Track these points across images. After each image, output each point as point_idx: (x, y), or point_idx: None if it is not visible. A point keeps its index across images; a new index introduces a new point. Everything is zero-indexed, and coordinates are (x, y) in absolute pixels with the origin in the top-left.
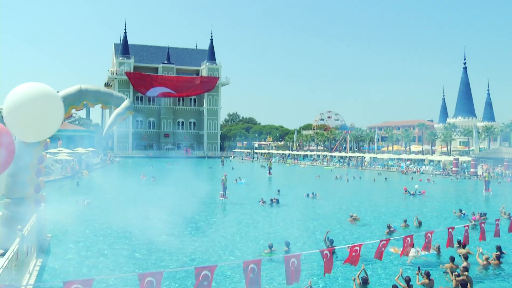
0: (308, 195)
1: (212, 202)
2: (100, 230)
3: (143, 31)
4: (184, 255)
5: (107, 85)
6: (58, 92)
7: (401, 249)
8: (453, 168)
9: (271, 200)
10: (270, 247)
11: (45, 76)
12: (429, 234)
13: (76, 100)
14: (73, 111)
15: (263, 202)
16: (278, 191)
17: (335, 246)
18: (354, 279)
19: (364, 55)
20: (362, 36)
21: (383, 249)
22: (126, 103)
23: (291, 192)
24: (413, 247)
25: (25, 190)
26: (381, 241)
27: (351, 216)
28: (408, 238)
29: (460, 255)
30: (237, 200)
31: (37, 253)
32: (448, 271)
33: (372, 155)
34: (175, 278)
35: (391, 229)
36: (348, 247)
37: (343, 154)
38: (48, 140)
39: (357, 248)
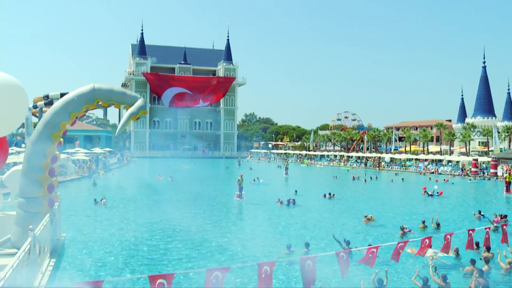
0: (325, 195)
1: (228, 203)
2: (115, 230)
3: (160, 32)
4: (199, 256)
5: (124, 85)
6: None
7: (418, 249)
8: (472, 169)
9: (288, 200)
10: (289, 247)
11: (62, 77)
12: (448, 236)
13: (89, 99)
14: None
15: (280, 202)
16: (296, 191)
17: (351, 248)
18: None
19: (381, 55)
20: (379, 36)
21: (401, 251)
22: (139, 102)
23: (308, 193)
24: (431, 248)
25: (38, 189)
26: (398, 243)
27: (366, 217)
28: (426, 240)
29: (481, 258)
30: (253, 200)
31: (51, 252)
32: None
33: (390, 155)
34: (187, 280)
35: (405, 230)
36: (365, 249)
37: (360, 154)
38: (61, 139)
39: (374, 250)
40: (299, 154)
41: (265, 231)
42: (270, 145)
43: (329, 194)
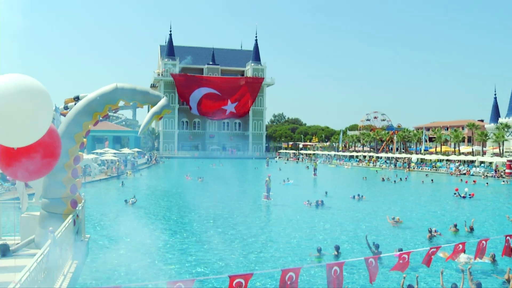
0: (354, 196)
1: (256, 204)
2: (141, 231)
3: (188, 33)
4: (223, 259)
5: (152, 86)
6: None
7: (451, 253)
8: (506, 170)
9: (316, 201)
10: (319, 250)
11: (92, 78)
12: (483, 242)
13: (112, 98)
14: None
15: (308, 203)
16: (326, 192)
17: (381, 252)
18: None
19: (411, 54)
20: (409, 35)
21: (432, 256)
22: (162, 101)
23: (336, 194)
24: (464, 253)
25: (61, 190)
26: (430, 248)
27: (393, 219)
28: (460, 245)
29: None
30: (281, 201)
31: (73, 254)
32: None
33: (420, 156)
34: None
35: (433, 233)
36: (396, 255)
37: (389, 155)
38: (84, 140)
39: (405, 256)
40: (328, 154)
41: (293, 233)
42: (301, 145)
43: (358, 195)
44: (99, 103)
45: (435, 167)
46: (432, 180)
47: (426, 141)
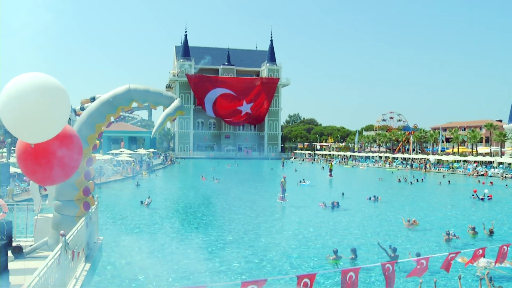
0: (370, 198)
1: (271, 205)
2: (155, 233)
3: (204, 33)
4: (237, 263)
5: (168, 87)
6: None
7: (470, 258)
8: None
9: (332, 203)
10: (336, 252)
11: (108, 79)
12: (504, 247)
13: (125, 100)
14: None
15: (324, 205)
16: (343, 194)
17: (398, 256)
18: None
19: (427, 53)
20: (427, 35)
21: (451, 261)
22: (176, 103)
23: (352, 195)
24: (484, 257)
25: (74, 192)
26: (449, 254)
27: (408, 221)
28: (480, 250)
29: None
30: (296, 203)
31: (86, 257)
32: None
33: (437, 156)
34: None
35: (450, 235)
36: (414, 260)
37: (406, 155)
38: (97, 141)
39: (424, 261)
40: (344, 155)
41: (308, 235)
42: (317, 146)
43: (374, 196)
44: (112, 105)
45: (452, 168)
46: (449, 181)
47: (442, 141)
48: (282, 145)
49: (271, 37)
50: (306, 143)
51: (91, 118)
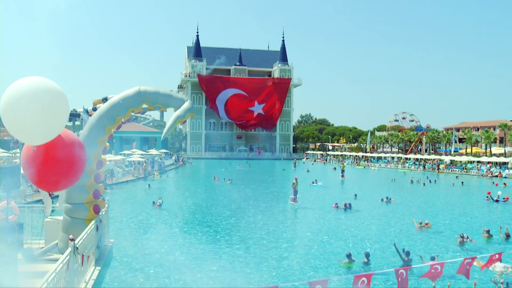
0: (382, 199)
1: (283, 206)
2: (167, 235)
3: (215, 34)
4: (248, 265)
5: (180, 87)
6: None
7: (485, 262)
8: None
9: (344, 204)
10: (348, 256)
11: (121, 79)
12: None
13: (135, 102)
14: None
15: (336, 206)
16: (355, 195)
17: (411, 259)
18: None
19: (440, 53)
20: (437, 34)
21: (468, 267)
22: (186, 104)
23: (364, 196)
24: (500, 261)
25: (84, 195)
26: (465, 259)
27: (420, 223)
28: (496, 255)
29: None
30: (308, 204)
31: (96, 260)
32: None
33: (449, 157)
34: None
35: (464, 238)
36: (428, 263)
37: (418, 156)
38: (107, 144)
39: (438, 266)
40: (356, 156)
41: (320, 238)
42: (330, 147)
43: (387, 198)
44: (122, 107)
45: (465, 169)
46: (462, 182)
47: (456, 142)
48: (294, 146)
49: (283, 37)
50: (318, 144)
51: (101, 120)
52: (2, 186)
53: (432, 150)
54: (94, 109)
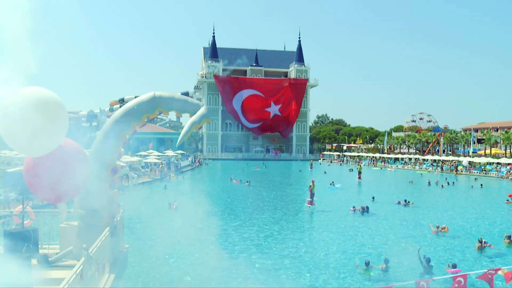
0: (399, 202)
1: (300, 209)
2: (184, 239)
3: (232, 34)
4: (262, 270)
5: (196, 88)
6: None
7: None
8: None
9: (362, 208)
10: (367, 264)
11: (137, 80)
12: None
13: (150, 108)
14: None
15: (354, 210)
16: (373, 198)
17: (432, 266)
18: None
19: (458, 52)
20: (455, 34)
21: (491, 276)
22: (202, 110)
23: (382, 199)
24: None
25: (98, 201)
26: (488, 270)
27: (437, 227)
28: None
29: None
30: (325, 207)
31: (111, 267)
32: None
33: (468, 158)
34: None
35: (483, 244)
36: (451, 272)
37: (436, 157)
38: (122, 149)
39: (461, 279)
40: (373, 156)
41: (337, 242)
42: (345, 147)
43: (405, 201)
44: (137, 113)
45: (484, 170)
46: (481, 184)
47: (474, 143)
48: (311, 146)
49: (299, 37)
50: (335, 144)
51: (116, 126)
52: (18, 190)
53: (450, 151)
54: (111, 110)
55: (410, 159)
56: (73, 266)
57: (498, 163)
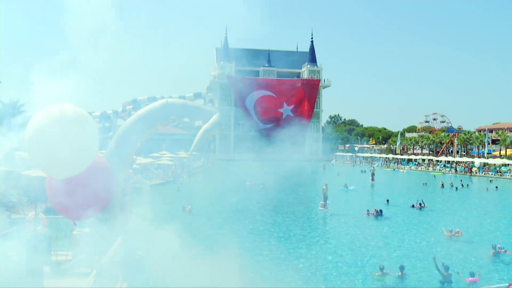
0: (413, 205)
1: (313, 213)
2: (198, 242)
3: (244, 35)
4: (276, 275)
5: (209, 89)
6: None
7: None
8: None
9: (376, 211)
10: (382, 269)
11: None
12: None
13: (162, 115)
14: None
15: (368, 213)
16: (387, 201)
17: (451, 274)
18: None
19: (471, 51)
20: (470, 32)
21: None
22: (214, 118)
23: (396, 201)
24: None
25: (110, 210)
26: (509, 284)
27: (450, 231)
28: None
29: None
30: (338, 210)
31: (124, 275)
32: None
33: (482, 159)
34: None
35: (498, 249)
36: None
37: (450, 158)
38: (134, 156)
39: None
40: (386, 158)
41: (351, 247)
42: (357, 148)
43: (420, 204)
44: (149, 121)
45: (500, 172)
46: (496, 187)
47: (489, 143)
48: (323, 147)
49: (312, 38)
50: (347, 145)
51: (129, 135)
52: (32, 197)
53: (464, 152)
54: (124, 111)
55: (423, 160)
56: (85, 274)
57: None
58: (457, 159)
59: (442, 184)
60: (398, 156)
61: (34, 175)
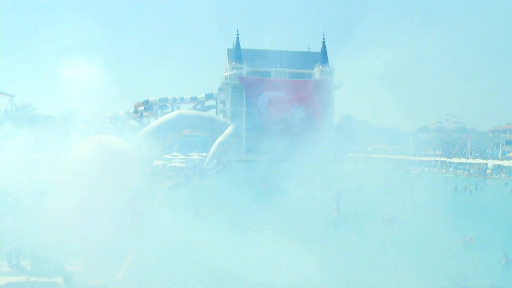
0: (427, 210)
1: (325, 217)
2: (213, 248)
3: (256, 36)
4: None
5: (221, 90)
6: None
7: None
8: None
9: (389, 216)
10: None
11: (161, 82)
12: None
13: (176, 127)
14: None
15: (381, 218)
16: (402, 205)
17: None
18: None
19: (484, 51)
20: (482, 31)
21: None
22: (229, 129)
23: (409, 205)
24: None
25: (124, 221)
26: None
27: (463, 237)
28: None
29: None
30: (352, 215)
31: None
32: None
33: (496, 161)
34: None
35: (509, 257)
36: None
37: (462, 160)
38: (148, 168)
39: None
40: (398, 159)
41: (365, 254)
42: (369, 149)
43: (433, 209)
44: (163, 132)
45: None
46: None
47: (503, 145)
48: (335, 147)
49: (323, 38)
50: (359, 146)
51: (143, 148)
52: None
53: (477, 153)
54: (135, 112)
55: (436, 161)
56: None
57: None
58: (470, 160)
59: (455, 187)
60: (410, 157)
61: (48, 180)
